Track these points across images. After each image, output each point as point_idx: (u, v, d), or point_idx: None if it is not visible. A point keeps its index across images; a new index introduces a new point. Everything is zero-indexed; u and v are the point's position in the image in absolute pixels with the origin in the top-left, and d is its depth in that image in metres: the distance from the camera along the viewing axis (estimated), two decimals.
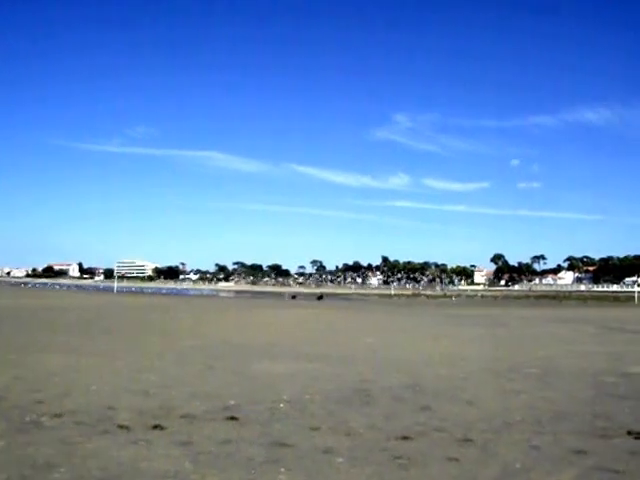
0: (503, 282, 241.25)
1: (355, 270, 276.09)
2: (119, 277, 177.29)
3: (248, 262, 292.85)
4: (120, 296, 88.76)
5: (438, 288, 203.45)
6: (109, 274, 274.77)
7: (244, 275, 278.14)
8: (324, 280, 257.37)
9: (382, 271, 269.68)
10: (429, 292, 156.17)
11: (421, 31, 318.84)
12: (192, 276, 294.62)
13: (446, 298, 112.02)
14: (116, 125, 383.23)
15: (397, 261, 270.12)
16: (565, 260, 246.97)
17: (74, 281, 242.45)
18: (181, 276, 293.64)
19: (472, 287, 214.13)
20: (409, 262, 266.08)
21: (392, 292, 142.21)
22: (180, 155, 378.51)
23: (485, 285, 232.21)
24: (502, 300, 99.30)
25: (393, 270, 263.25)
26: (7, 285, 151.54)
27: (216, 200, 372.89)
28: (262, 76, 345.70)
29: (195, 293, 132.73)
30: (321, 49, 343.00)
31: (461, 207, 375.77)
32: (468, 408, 10.60)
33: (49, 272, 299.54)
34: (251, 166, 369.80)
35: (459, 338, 25.87)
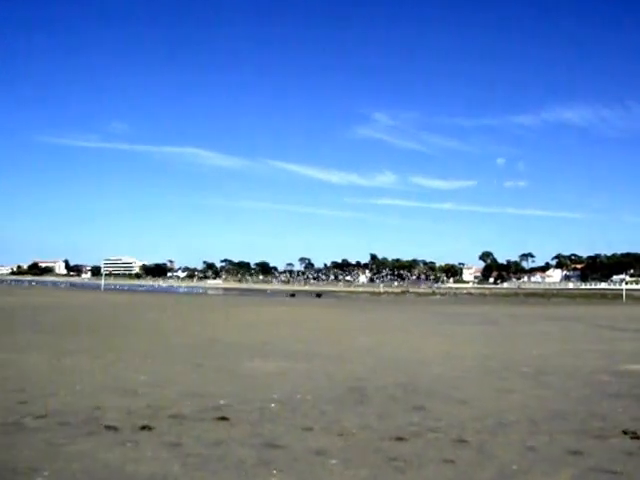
0: (492, 280, 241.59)
1: (344, 268, 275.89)
2: (106, 275, 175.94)
3: (236, 260, 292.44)
4: (107, 294, 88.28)
5: (424, 286, 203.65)
6: (96, 271, 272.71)
7: (232, 272, 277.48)
8: (313, 278, 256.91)
9: (371, 269, 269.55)
10: (418, 290, 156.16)
11: (401, 29, 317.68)
12: (180, 274, 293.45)
13: (435, 296, 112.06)
14: (94, 121, 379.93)
15: (385, 259, 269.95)
16: (553, 258, 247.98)
17: (60, 278, 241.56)
18: (169, 274, 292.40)
19: (461, 285, 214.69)
20: (397, 260, 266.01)
21: (381, 290, 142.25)
22: (164, 152, 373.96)
23: (474, 283, 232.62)
24: (491, 298, 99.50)
25: (381, 268, 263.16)
26: None
27: (203, 197, 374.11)
28: (243, 73, 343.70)
29: (183, 291, 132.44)
30: (301, 47, 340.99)
31: (449, 205, 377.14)
32: (462, 408, 10.45)
33: (35, 269, 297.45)
34: (235, 163, 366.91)
35: (451, 336, 25.77)
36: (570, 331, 29.25)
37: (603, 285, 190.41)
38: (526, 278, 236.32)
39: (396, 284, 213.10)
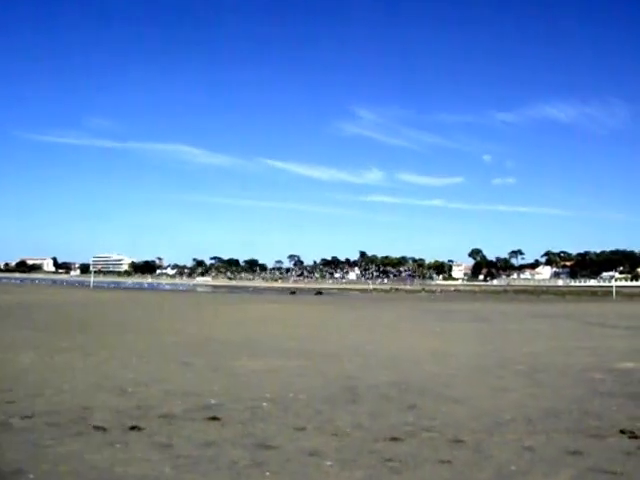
0: (481, 277, 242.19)
1: (333, 265, 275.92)
2: (95, 272, 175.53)
3: (225, 257, 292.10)
4: (96, 291, 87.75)
5: (413, 283, 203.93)
6: (85, 269, 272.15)
7: (221, 270, 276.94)
8: (302, 275, 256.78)
9: (360, 266, 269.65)
10: (407, 287, 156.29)
11: (387, 26, 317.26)
12: (169, 271, 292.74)
13: (424, 293, 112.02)
14: (81, 118, 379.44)
15: (375, 256, 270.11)
16: (542, 255, 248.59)
17: (49, 276, 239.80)
18: (158, 271, 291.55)
19: (450, 282, 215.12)
20: (387, 257, 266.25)
21: (370, 287, 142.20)
22: (151, 149, 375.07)
23: (463, 280, 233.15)
24: (481, 295, 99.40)
25: (371, 265, 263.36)
26: None
27: (192, 194, 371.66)
28: (231, 70, 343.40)
29: (172, 288, 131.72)
30: (288, 44, 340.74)
31: (437, 202, 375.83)
32: (457, 407, 10.33)
33: (22, 267, 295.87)
34: (223, 160, 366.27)
35: (442, 334, 25.65)
36: (560, 328, 29.21)
37: (592, 282, 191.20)
38: (515, 275, 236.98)
39: (385, 281, 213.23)
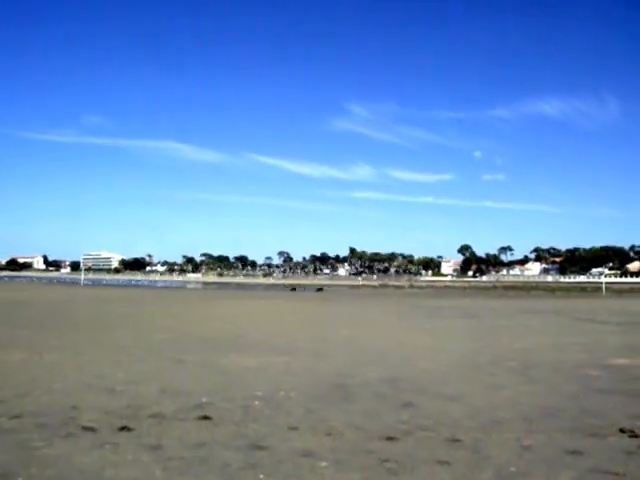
0: (471, 273, 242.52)
1: (323, 261, 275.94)
2: (85, 270, 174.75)
3: (215, 253, 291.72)
4: (86, 289, 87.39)
5: (403, 279, 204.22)
6: (75, 266, 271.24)
7: (211, 266, 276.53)
8: (292, 271, 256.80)
9: (349, 262, 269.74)
10: (396, 283, 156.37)
11: (377, 21, 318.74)
12: (159, 268, 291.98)
13: (413, 289, 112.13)
14: (70, 115, 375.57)
15: (364, 252, 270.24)
16: (532, 251, 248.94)
17: (39, 274, 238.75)
18: (148, 268, 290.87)
19: (439, 278, 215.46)
20: (376, 253, 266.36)
21: (360, 283, 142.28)
22: (140, 145, 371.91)
23: (452, 276, 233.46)
24: (470, 291, 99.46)
25: (360, 261, 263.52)
26: None
27: (181, 191, 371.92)
28: (221, 67, 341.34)
29: (163, 285, 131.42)
30: (279, 40, 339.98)
31: (427, 198, 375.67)
32: (452, 404, 10.17)
33: (13, 265, 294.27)
34: (212, 156, 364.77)
35: (433, 330, 25.56)
36: (551, 324, 29.16)
37: (582, 278, 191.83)
38: (505, 271, 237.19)
39: (375, 277, 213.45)
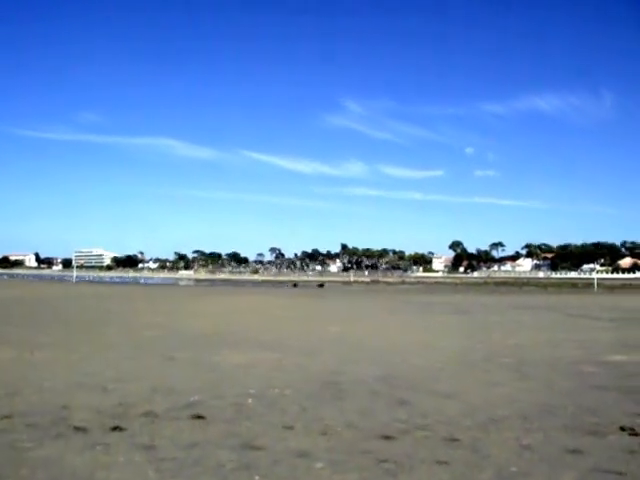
0: (462, 269, 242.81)
1: (314, 257, 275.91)
2: (77, 267, 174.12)
3: (207, 250, 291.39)
4: (78, 286, 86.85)
5: (394, 275, 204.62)
6: (67, 264, 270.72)
7: (203, 263, 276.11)
8: (280, 267, 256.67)
9: (341, 258, 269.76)
10: (388, 279, 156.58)
11: (372, 17, 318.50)
12: (151, 265, 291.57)
13: (405, 285, 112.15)
14: (64, 112, 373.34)
15: (356, 248, 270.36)
16: (523, 247, 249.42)
17: (31, 271, 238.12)
18: (140, 265, 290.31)
19: (430, 274, 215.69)
20: (368, 249, 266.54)
21: (351, 279, 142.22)
22: (133, 142, 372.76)
23: (443, 272, 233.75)
24: (462, 287, 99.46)
25: (352, 257, 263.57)
26: None
27: (173, 188, 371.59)
28: (216, 63, 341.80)
29: (155, 282, 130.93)
30: (274, 37, 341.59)
31: (418, 195, 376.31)
32: (448, 402, 10.03)
33: (5, 262, 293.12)
34: (205, 153, 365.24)
35: (425, 326, 25.47)
36: (544, 320, 29.09)
37: (573, 274, 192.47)
38: (496, 267, 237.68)
39: (367, 273, 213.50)
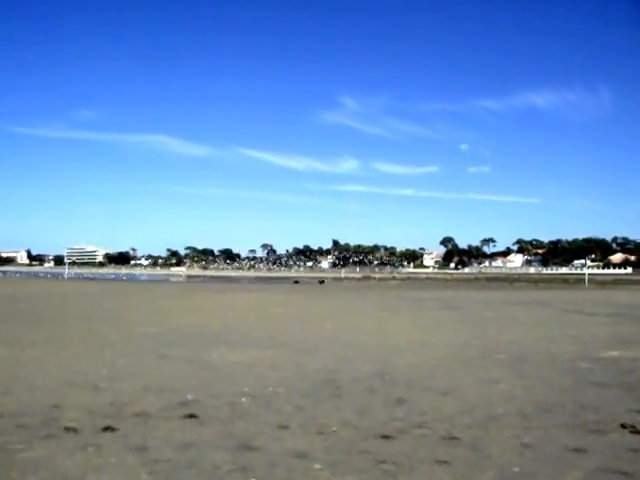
0: (453, 265, 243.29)
1: (306, 254, 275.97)
2: (70, 264, 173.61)
3: (199, 247, 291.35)
4: (71, 283, 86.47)
5: (385, 271, 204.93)
6: (59, 261, 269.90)
7: (196, 260, 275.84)
8: (275, 264, 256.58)
9: (333, 254, 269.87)
10: (379, 275, 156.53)
11: (369, 14, 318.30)
12: (143, 261, 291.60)
13: (396, 281, 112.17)
14: (60, 109, 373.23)
15: (347, 244, 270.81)
16: (514, 243, 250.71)
17: (23, 268, 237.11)
18: (132, 262, 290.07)
19: (422, 270, 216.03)
20: (359, 245, 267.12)
21: (343, 275, 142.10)
22: (127, 139, 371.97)
23: (434, 268, 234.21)
24: (453, 283, 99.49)
25: (343, 253, 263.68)
26: None
27: (166, 184, 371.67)
28: (211, 60, 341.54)
29: (147, 278, 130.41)
30: (267, 32, 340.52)
31: (410, 191, 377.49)
32: (446, 400, 9.89)
33: None
34: (199, 150, 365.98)
35: (419, 322, 25.31)
36: (538, 316, 28.99)
37: (564, 270, 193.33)
38: (487, 263, 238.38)
39: (358, 269, 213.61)
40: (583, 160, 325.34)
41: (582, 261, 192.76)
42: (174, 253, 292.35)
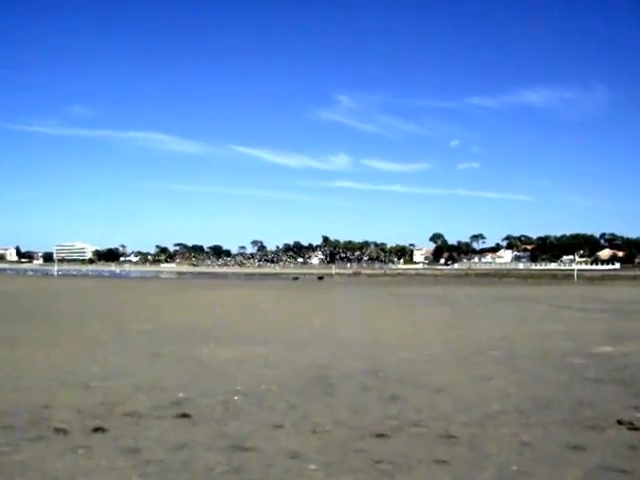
0: (443, 261, 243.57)
1: (296, 250, 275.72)
2: (59, 260, 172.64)
3: (189, 243, 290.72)
4: (60, 280, 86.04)
5: (370, 266, 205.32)
6: (48, 258, 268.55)
7: (186, 256, 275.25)
8: (266, 260, 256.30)
9: (323, 251, 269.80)
10: (369, 271, 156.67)
11: (364, 11, 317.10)
12: (133, 258, 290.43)
13: (386, 277, 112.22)
14: (52, 106, 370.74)
15: (337, 241, 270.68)
16: (504, 239, 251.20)
17: (12, 265, 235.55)
18: (122, 258, 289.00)
19: (411, 266, 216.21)
20: (349, 242, 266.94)
21: (333, 271, 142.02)
22: (120, 136, 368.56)
23: (424, 264, 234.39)
24: (443, 278, 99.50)
25: (334, 250, 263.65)
26: None
27: (155, 181, 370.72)
28: (206, 57, 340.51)
29: (136, 275, 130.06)
30: (263, 30, 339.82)
31: (401, 187, 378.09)
32: (441, 397, 9.78)
33: None
34: (191, 147, 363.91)
35: (410, 318, 25.26)
36: (529, 311, 29.02)
37: (553, 266, 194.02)
38: (477, 259, 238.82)
39: (348, 266, 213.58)
40: (572, 157, 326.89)
41: (570, 257, 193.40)
42: (163, 250, 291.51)
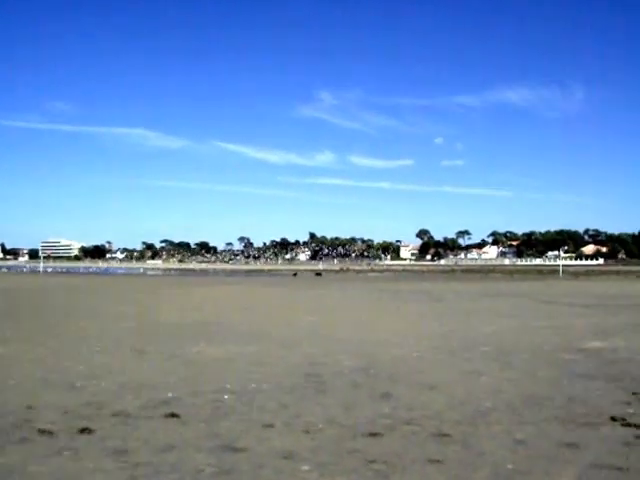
0: (429, 257, 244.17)
1: (283, 246, 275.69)
2: (45, 257, 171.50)
3: (176, 240, 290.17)
4: (46, 277, 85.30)
5: (358, 262, 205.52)
6: (34, 254, 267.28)
7: (172, 253, 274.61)
8: (252, 256, 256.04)
9: (310, 247, 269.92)
10: (356, 267, 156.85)
11: (345, 8, 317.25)
12: (119, 255, 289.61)
13: (374, 273, 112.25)
14: (35, 100, 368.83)
15: (324, 237, 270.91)
16: (489, 235, 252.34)
17: None
18: (108, 255, 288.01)
19: (398, 262, 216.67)
20: (336, 238, 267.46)
21: (320, 267, 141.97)
22: (104, 132, 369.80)
23: (411, 260, 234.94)
24: (429, 275, 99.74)
25: (321, 246, 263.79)
26: None
27: (142, 178, 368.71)
28: (186, 53, 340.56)
29: (123, 272, 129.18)
30: (246, 27, 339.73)
31: (386, 184, 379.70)
32: (433, 394, 9.70)
33: None
34: (175, 143, 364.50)
35: (399, 314, 25.19)
36: (516, 307, 29.01)
37: (538, 261, 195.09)
38: (463, 255, 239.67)
39: (335, 262, 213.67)
40: (556, 154, 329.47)
41: (555, 252, 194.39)
42: (150, 246, 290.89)
